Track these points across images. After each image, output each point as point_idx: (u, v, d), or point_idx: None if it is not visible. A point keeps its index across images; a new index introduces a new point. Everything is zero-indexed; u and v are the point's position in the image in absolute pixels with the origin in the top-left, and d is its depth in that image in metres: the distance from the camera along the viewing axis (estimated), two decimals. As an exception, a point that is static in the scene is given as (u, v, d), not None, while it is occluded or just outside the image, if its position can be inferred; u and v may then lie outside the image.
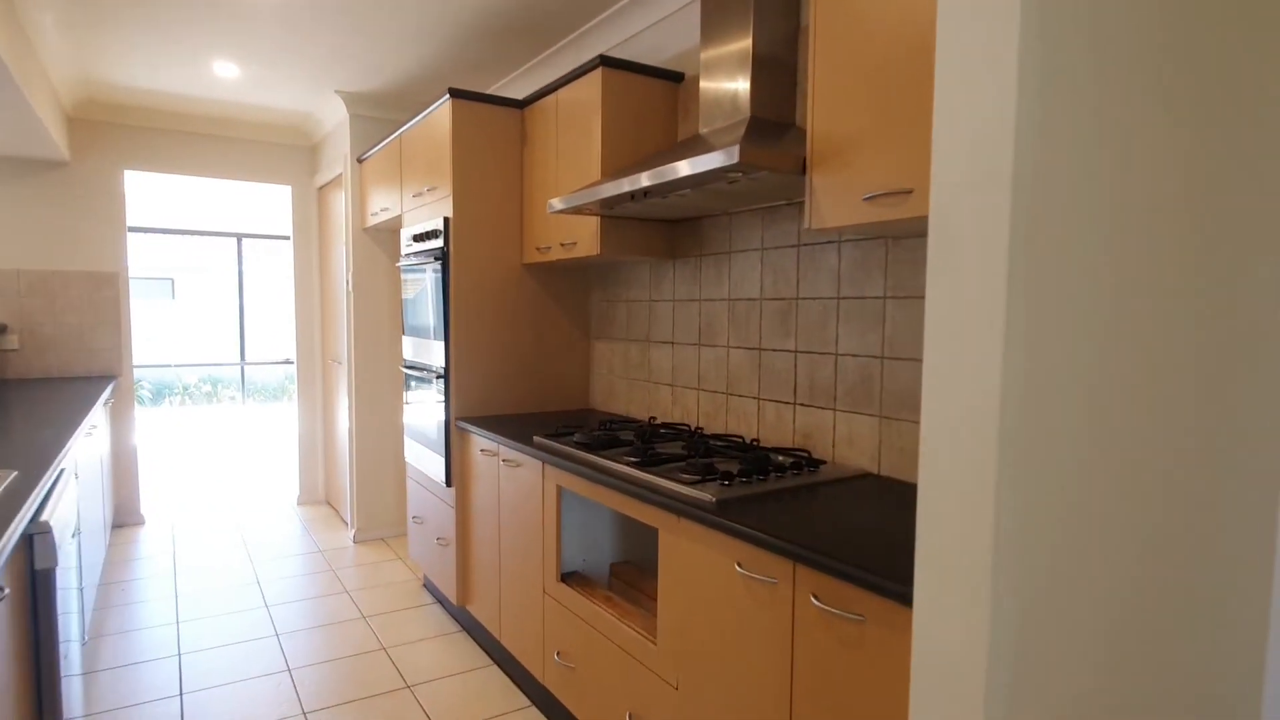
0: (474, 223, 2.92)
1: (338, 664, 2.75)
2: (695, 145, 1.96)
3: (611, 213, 2.38)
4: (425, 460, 3.17)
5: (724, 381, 2.45)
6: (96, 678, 2.62)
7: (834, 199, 1.60)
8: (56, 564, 1.67)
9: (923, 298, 1.79)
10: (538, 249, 2.89)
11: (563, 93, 2.67)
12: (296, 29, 3.04)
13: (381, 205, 3.72)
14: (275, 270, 9.27)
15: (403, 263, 3.27)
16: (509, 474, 2.55)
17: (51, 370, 4.16)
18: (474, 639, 2.96)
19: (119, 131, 4.27)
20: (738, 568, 1.51)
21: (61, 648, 1.96)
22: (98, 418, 3.21)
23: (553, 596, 2.29)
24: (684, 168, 1.75)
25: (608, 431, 2.42)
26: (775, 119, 2.04)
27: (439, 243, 2.93)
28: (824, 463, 1.98)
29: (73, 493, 2.10)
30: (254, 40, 3.18)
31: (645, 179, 1.89)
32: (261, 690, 2.56)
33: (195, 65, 3.53)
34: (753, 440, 2.27)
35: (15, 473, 1.80)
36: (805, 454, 2.03)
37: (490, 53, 3.30)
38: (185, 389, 11.70)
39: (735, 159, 1.57)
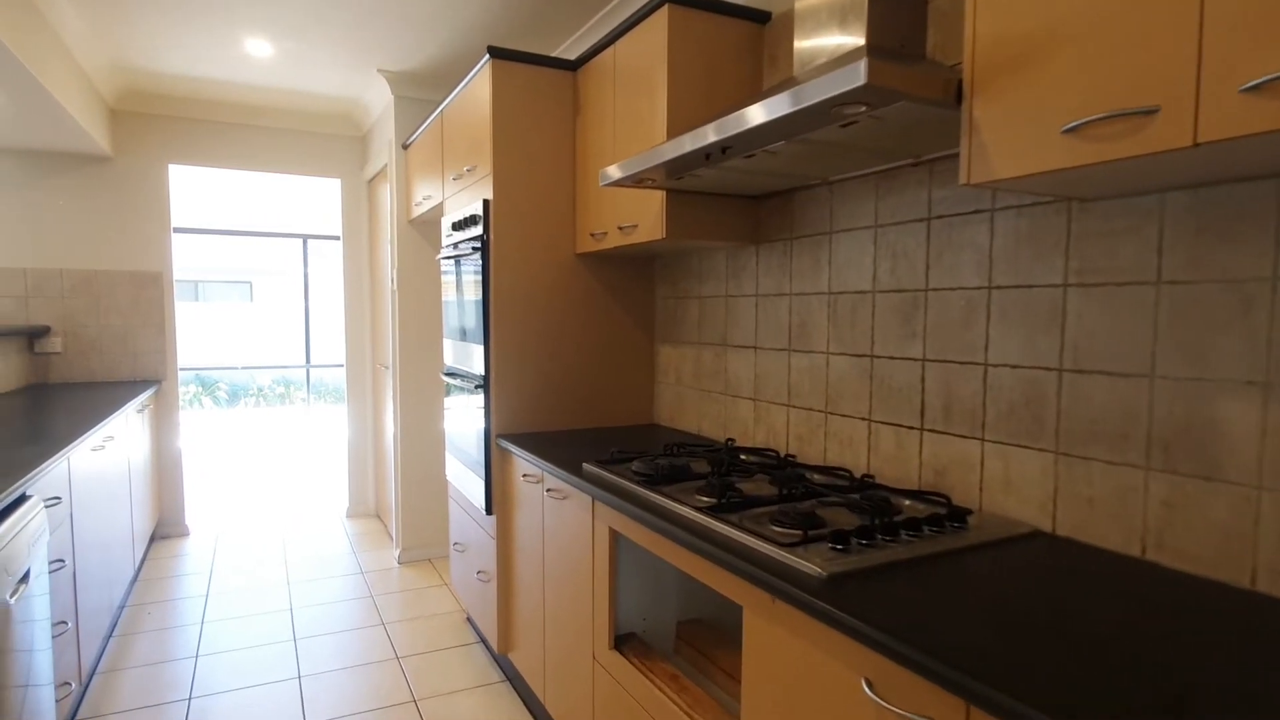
0: (518, 205, 2.49)
1: (359, 719, 2.36)
2: (789, 85, 1.46)
3: (678, 184, 1.90)
4: (465, 481, 2.76)
5: (822, 397, 1.94)
6: (93, 727, 2.31)
7: (1010, 136, 1.08)
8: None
9: (1135, 284, 1.24)
10: (592, 235, 2.44)
11: (621, 44, 2.20)
12: (324, -9, 2.69)
13: (425, 193, 3.36)
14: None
15: (442, 255, 2.87)
16: (554, 507, 2.10)
17: (96, 374, 3.98)
18: (517, 693, 2.52)
19: (162, 124, 4.05)
20: (867, 689, 1.01)
21: (19, 695, 1.63)
22: (116, 428, 2.94)
23: (604, 667, 1.82)
24: (780, 104, 1.25)
25: (675, 458, 1.94)
26: (899, 50, 1.52)
27: (478, 230, 2.51)
28: (969, 513, 1.44)
29: (39, 522, 1.77)
30: (280, 9, 2.85)
31: (712, 132, 1.41)
32: (270, 752, 2.19)
33: (226, 44, 3.24)
34: (864, 476, 1.75)
35: (-60, 509, 1.46)
36: (943, 500, 1.50)
37: (543, 11, 2.87)
38: (259, 390, 11.87)
39: (862, 78, 1.06)
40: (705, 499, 1.58)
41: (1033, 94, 1.05)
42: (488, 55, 2.42)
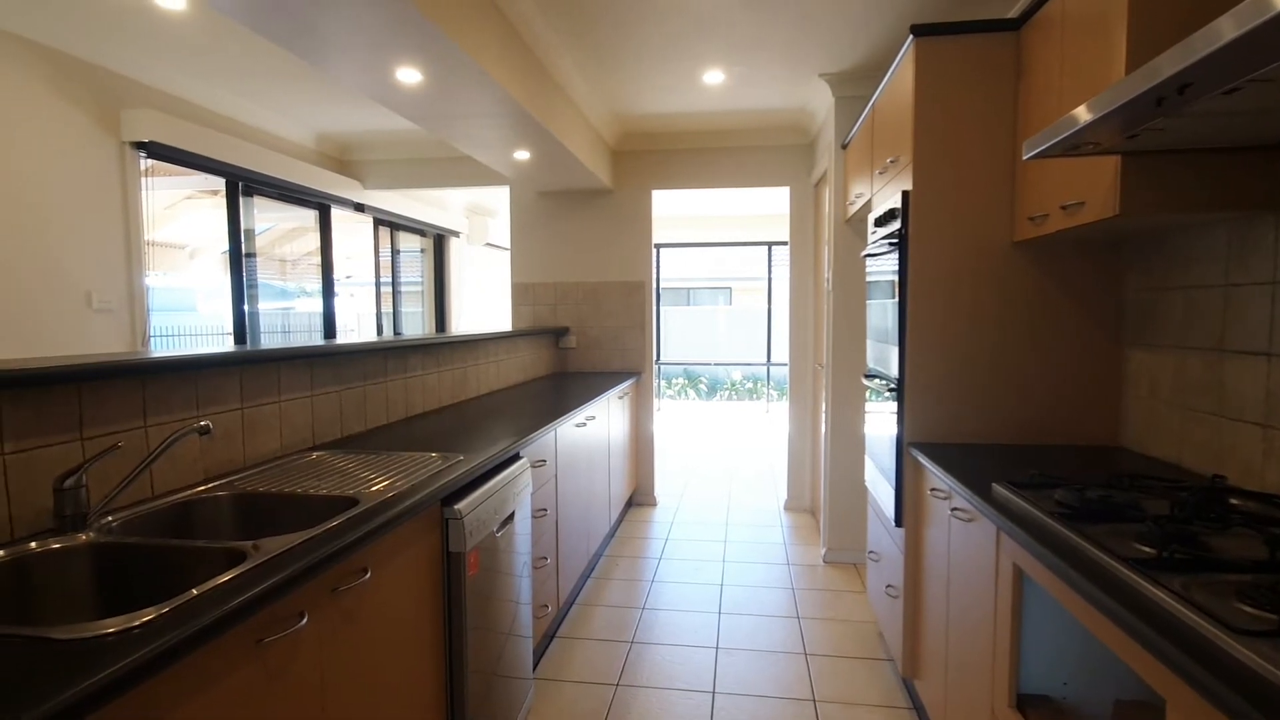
0: (940, 194, 2.27)
1: (761, 703, 2.46)
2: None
3: (1134, 145, 1.49)
4: (880, 488, 2.64)
5: (1384, 429, 1.30)
6: (561, 644, 2.89)
7: None
8: (466, 549, 1.78)
9: None
10: (1030, 220, 2.08)
11: (1069, -15, 1.82)
12: (761, 8, 2.86)
13: (857, 191, 3.31)
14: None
15: (865, 252, 2.79)
16: (960, 530, 1.86)
17: (597, 365, 4.97)
18: (923, 727, 2.31)
19: (644, 157, 4.84)
20: None
21: (510, 607, 2.15)
22: (598, 410, 3.62)
23: (1004, 726, 1.54)
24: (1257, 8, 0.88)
25: (1118, 490, 1.53)
26: None
27: (896, 225, 2.37)
28: None
29: (525, 478, 2.29)
30: (729, 38, 3.13)
31: (1168, 63, 1.05)
32: (682, 707, 2.44)
33: (687, 80, 3.70)
34: None
35: (460, 457, 2.00)
36: None
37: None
38: (732, 384, 13.27)
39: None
40: (1143, 548, 1.21)
41: None
42: (911, 35, 2.26)
